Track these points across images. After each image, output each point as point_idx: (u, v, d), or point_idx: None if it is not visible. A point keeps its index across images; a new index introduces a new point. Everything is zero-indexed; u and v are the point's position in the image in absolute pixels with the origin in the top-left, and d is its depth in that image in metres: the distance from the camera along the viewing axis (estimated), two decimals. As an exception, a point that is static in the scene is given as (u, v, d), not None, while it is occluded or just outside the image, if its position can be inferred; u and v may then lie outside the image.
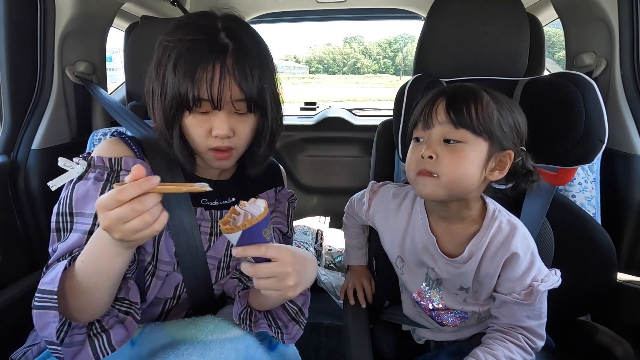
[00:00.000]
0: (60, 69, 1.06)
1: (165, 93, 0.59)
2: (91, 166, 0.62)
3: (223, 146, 0.61)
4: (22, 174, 0.99)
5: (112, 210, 0.43)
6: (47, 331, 0.48)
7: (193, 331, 0.59)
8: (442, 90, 0.65)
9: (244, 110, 0.61)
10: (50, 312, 0.48)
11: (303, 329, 0.69)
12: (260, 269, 0.50)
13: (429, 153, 0.61)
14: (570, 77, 0.74)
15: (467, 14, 0.87)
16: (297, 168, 2.06)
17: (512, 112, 0.63)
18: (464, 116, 0.60)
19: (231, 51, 0.57)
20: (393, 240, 0.77)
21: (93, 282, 0.50)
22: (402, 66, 40.33)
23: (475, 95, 0.62)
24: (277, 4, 1.87)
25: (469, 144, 0.60)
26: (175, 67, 0.57)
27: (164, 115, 0.60)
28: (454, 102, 0.61)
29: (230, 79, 0.57)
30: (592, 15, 1.00)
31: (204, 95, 0.57)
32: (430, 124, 0.63)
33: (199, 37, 0.58)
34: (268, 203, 0.76)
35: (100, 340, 0.53)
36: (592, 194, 0.86)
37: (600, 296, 0.78)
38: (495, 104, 0.62)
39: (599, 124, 0.71)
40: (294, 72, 36.07)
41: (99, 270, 0.50)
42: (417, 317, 0.80)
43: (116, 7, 1.21)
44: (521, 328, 0.65)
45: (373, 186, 0.83)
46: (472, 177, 0.61)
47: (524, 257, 0.63)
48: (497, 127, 0.61)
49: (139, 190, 0.43)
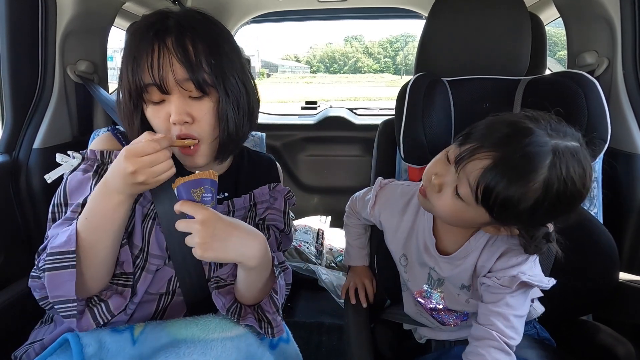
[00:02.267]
0: (61, 68, 1.06)
1: (122, 85, 0.60)
2: (84, 159, 0.66)
3: (182, 134, 0.60)
4: (24, 173, 0.99)
5: (147, 155, 0.51)
6: (62, 289, 0.53)
7: (194, 330, 0.59)
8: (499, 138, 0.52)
9: (196, 93, 0.59)
10: (67, 271, 0.52)
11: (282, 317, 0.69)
12: (179, 223, 0.54)
13: (435, 184, 0.59)
14: (573, 76, 0.74)
15: (468, 13, 0.86)
16: (298, 167, 2.06)
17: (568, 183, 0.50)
18: (492, 197, 0.51)
19: (172, 31, 0.57)
20: (398, 238, 0.77)
21: (97, 237, 0.56)
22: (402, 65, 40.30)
23: (530, 172, 0.49)
24: (278, 3, 1.87)
25: (472, 208, 0.56)
26: (125, 59, 0.58)
27: (125, 109, 0.62)
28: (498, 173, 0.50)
29: (170, 57, 0.56)
30: (594, 14, 1.00)
31: (147, 79, 0.56)
32: (457, 168, 0.55)
33: (143, 24, 0.59)
34: (261, 200, 0.78)
35: (99, 308, 0.58)
36: (594, 194, 0.86)
37: (602, 296, 0.78)
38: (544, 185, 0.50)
39: (601, 123, 0.71)
40: (294, 72, 36.07)
41: (102, 222, 0.56)
42: (418, 316, 0.80)
43: (117, 7, 1.21)
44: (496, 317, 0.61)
45: (381, 182, 0.82)
46: (464, 225, 0.63)
47: (519, 252, 0.63)
48: (515, 217, 0.53)
49: (168, 142, 0.54)
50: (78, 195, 0.63)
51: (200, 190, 0.55)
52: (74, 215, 0.61)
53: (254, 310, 0.66)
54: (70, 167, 0.65)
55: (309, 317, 1.42)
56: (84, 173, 0.65)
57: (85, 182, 0.64)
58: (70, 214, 0.61)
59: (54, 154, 0.66)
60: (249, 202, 0.76)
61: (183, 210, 0.54)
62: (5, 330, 0.77)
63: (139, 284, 0.65)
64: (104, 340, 0.57)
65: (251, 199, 0.76)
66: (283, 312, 0.72)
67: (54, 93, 1.05)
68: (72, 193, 0.63)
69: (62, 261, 0.53)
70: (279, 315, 0.67)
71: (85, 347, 0.56)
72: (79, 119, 1.15)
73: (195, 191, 0.55)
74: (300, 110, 2.33)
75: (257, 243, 0.59)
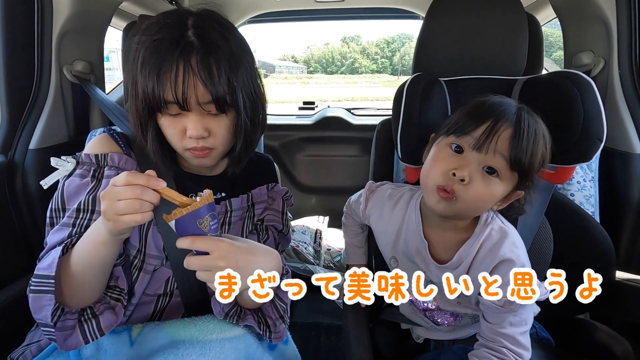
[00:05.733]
0: (57, 68, 1.05)
1: (137, 94, 0.58)
2: (79, 163, 0.65)
3: (199, 147, 0.60)
4: (20, 173, 0.98)
5: (117, 186, 0.47)
6: (42, 313, 0.51)
7: (193, 331, 0.59)
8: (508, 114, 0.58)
9: (215, 111, 0.59)
10: (46, 296, 0.51)
11: (287, 325, 0.69)
12: (192, 261, 0.50)
13: (464, 175, 0.57)
14: (569, 76, 0.74)
15: (465, 13, 0.87)
16: (295, 167, 2.06)
17: (548, 144, 0.61)
18: (523, 158, 0.56)
19: (197, 50, 0.55)
20: (387, 240, 0.77)
21: (82, 267, 0.54)
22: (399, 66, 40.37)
23: (537, 134, 0.58)
24: (275, 3, 1.87)
25: (503, 180, 0.58)
26: (143, 67, 0.56)
27: (138, 116, 0.60)
28: (522, 137, 0.56)
29: (195, 79, 0.55)
30: (591, 15, 1.00)
31: (169, 97, 0.55)
32: (486, 149, 0.57)
33: (164, 36, 0.56)
34: (259, 200, 0.77)
35: (90, 325, 0.56)
36: (591, 193, 0.86)
37: (599, 294, 0.79)
38: (543, 139, 0.59)
39: (597, 123, 0.71)
40: (292, 72, 36.05)
41: (89, 255, 0.53)
42: (412, 316, 0.81)
43: (114, 6, 1.20)
44: (504, 337, 0.62)
45: (371, 186, 0.83)
46: (485, 208, 0.62)
47: (512, 266, 0.61)
48: (536, 167, 0.59)
49: (146, 181, 0.47)
50: (75, 200, 0.62)
51: (206, 219, 0.49)
52: (69, 220, 0.60)
53: (254, 312, 0.65)
54: (66, 172, 0.64)
55: (307, 317, 1.41)
56: (82, 178, 0.64)
57: (83, 188, 0.63)
58: (66, 219, 0.61)
59: (50, 155, 0.66)
60: (247, 202, 0.75)
61: (196, 247, 0.49)
62: (1, 332, 0.77)
63: (137, 284, 0.65)
64: (101, 341, 0.57)
65: (249, 199, 0.76)
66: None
67: (50, 93, 1.05)
68: (70, 198, 0.63)
69: (44, 285, 0.52)
70: (283, 322, 0.67)
71: (82, 348, 0.56)
72: (75, 119, 1.14)
73: (201, 222, 0.48)
74: (297, 110, 2.33)
75: (275, 264, 0.58)
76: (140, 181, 0.47)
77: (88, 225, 0.59)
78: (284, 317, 0.67)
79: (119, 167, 0.65)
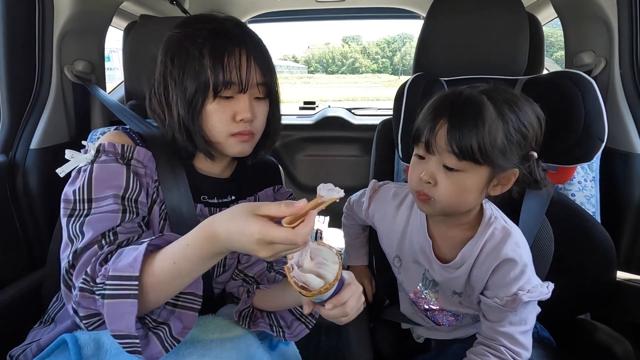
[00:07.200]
0: (58, 68, 1.05)
1: (185, 81, 0.60)
2: (100, 152, 0.60)
3: (245, 130, 0.64)
4: (21, 173, 0.98)
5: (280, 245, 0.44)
6: (122, 323, 0.46)
7: (194, 330, 0.59)
8: (443, 108, 0.60)
9: (263, 95, 0.65)
10: (128, 301, 0.45)
11: (310, 328, 0.69)
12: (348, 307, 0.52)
13: (427, 179, 0.60)
14: (570, 76, 0.74)
15: (466, 13, 0.87)
16: (296, 167, 2.06)
17: (521, 121, 0.58)
18: (466, 147, 0.56)
19: (249, 41, 0.63)
20: (391, 240, 0.77)
21: (180, 281, 0.49)
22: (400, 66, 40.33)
23: (478, 115, 0.56)
24: (276, 3, 1.87)
25: (469, 172, 0.58)
26: (202, 54, 0.59)
27: (187, 104, 0.61)
28: (456, 127, 0.56)
29: (254, 63, 0.62)
30: (591, 15, 1.00)
31: (234, 78, 0.60)
32: (430, 149, 0.60)
33: (218, 26, 0.62)
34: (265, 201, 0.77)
35: (164, 332, 0.51)
36: (592, 193, 0.86)
37: (600, 295, 0.79)
38: (501, 121, 0.57)
39: (598, 123, 0.71)
40: (292, 72, 36.03)
41: (193, 270, 0.49)
42: (413, 316, 0.81)
43: (115, 6, 1.20)
44: (502, 336, 0.62)
45: (374, 185, 0.83)
46: (469, 202, 0.62)
47: (514, 265, 0.62)
48: (500, 154, 0.57)
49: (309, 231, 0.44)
50: (106, 187, 0.57)
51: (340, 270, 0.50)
52: (116, 207, 0.57)
53: (267, 315, 0.66)
54: (85, 160, 0.60)
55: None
56: (115, 162, 0.60)
57: (117, 172, 0.59)
58: (111, 207, 0.56)
59: (51, 154, 0.65)
60: None
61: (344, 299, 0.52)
62: (2, 330, 0.77)
63: None
64: (102, 341, 0.57)
65: (256, 201, 0.76)
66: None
67: (51, 93, 1.05)
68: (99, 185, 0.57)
69: (125, 288, 0.46)
70: (302, 323, 0.68)
71: (83, 347, 0.56)
72: (76, 119, 1.14)
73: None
74: (298, 110, 2.33)
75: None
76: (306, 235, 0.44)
77: (138, 213, 0.59)
78: (302, 320, 0.68)
79: (142, 163, 0.64)
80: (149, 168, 0.64)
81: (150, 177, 0.64)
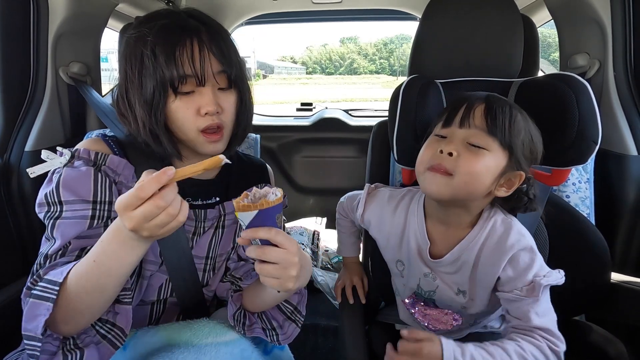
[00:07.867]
0: (53, 69, 1.05)
1: (144, 82, 0.59)
2: (75, 157, 0.61)
3: (213, 124, 0.62)
4: (15, 175, 0.98)
5: (136, 209, 0.43)
6: (33, 323, 0.47)
7: (188, 335, 0.59)
8: (480, 96, 0.65)
9: (226, 85, 0.63)
10: (45, 304, 0.47)
11: (300, 327, 0.69)
12: (269, 251, 0.50)
13: (450, 149, 0.61)
14: (564, 78, 0.74)
15: (461, 15, 0.87)
16: (293, 169, 2.06)
17: (532, 132, 0.64)
18: (499, 125, 0.61)
19: (203, 30, 0.61)
20: (392, 244, 0.76)
21: (103, 281, 0.50)
22: (397, 66, 40.41)
23: (511, 108, 0.63)
24: (273, 4, 1.87)
25: (491, 152, 0.61)
26: (154, 52, 0.58)
27: (147, 106, 0.60)
28: (493, 108, 0.62)
29: (209, 52, 0.60)
30: (586, 17, 1.01)
31: (188, 71, 0.58)
32: (465, 123, 0.63)
33: (170, 21, 0.60)
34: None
35: (73, 355, 0.51)
36: (586, 195, 0.87)
37: (595, 296, 0.79)
38: (524, 122, 0.63)
39: (592, 125, 0.71)
40: (290, 73, 36.03)
41: (113, 267, 0.49)
42: (411, 322, 0.81)
43: (110, 8, 1.20)
44: (537, 329, 0.62)
45: (369, 189, 0.83)
46: (483, 184, 0.61)
47: (523, 255, 0.63)
48: (520, 145, 0.62)
49: (158, 184, 0.43)
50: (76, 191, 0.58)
51: (281, 215, 0.49)
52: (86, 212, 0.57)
53: (259, 317, 0.66)
54: (59, 164, 0.60)
55: (304, 319, 1.41)
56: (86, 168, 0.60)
57: (86, 178, 0.59)
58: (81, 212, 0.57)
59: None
60: None
61: (277, 240, 0.49)
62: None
63: (135, 292, 0.64)
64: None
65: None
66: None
67: (46, 95, 1.05)
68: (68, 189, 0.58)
69: (48, 291, 0.47)
70: (292, 322, 0.68)
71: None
72: (71, 121, 1.14)
73: (279, 217, 0.49)
74: (295, 111, 2.33)
75: (311, 265, 0.60)
76: (153, 188, 0.43)
77: (109, 217, 0.59)
78: (292, 319, 0.68)
79: (115, 171, 0.63)
80: (123, 176, 0.63)
81: (124, 185, 0.63)
